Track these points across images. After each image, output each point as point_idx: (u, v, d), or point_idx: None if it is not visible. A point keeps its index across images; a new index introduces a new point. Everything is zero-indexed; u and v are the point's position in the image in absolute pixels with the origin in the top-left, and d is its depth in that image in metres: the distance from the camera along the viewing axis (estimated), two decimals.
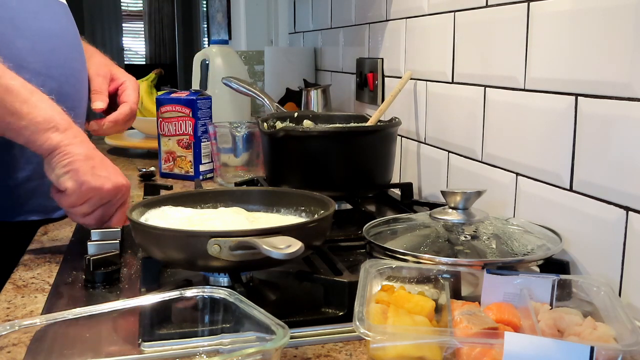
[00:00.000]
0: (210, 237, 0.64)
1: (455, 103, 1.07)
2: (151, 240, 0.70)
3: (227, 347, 0.58)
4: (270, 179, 1.10)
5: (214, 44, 1.82)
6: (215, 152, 1.33)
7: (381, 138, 1.05)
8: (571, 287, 0.65)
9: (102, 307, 0.58)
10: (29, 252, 0.90)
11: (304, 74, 1.98)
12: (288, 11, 2.38)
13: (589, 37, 0.74)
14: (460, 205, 0.78)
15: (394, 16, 1.32)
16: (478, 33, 0.99)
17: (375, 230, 0.80)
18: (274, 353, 0.49)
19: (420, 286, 0.76)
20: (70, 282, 0.77)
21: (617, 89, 0.70)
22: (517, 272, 0.64)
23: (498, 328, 0.55)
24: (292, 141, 1.03)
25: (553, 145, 0.81)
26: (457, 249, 0.73)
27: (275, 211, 0.83)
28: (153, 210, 0.78)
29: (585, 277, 0.69)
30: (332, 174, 1.03)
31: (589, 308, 0.63)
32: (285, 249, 0.60)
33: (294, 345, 0.62)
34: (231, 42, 3.19)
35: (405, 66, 1.27)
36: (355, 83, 1.58)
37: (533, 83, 0.85)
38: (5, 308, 0.71)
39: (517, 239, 0.74)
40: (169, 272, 0.79)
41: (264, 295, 0.72)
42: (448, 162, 1.10)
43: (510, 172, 0.91)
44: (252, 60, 2.22)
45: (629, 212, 0.69)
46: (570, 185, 0.78)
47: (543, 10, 0.83)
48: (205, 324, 0.60)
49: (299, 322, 0.65)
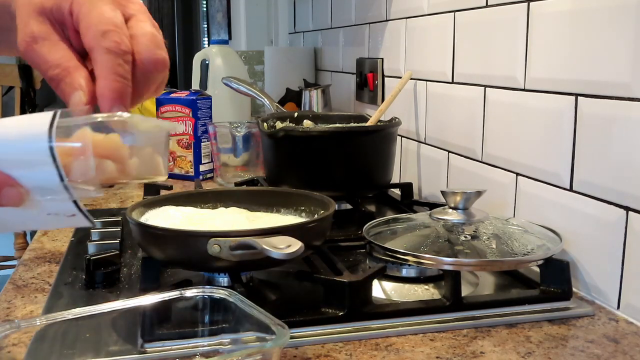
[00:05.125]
0: (210, 237, 0.64)
1: (455, 103, 1.07)
2: (151, 240, 0.70)
3: (227, 347, 0.58)
4: (270, 179, 1.10)
5: (214, 44, 1.82)
6: (215, 152, 1.33)
7: (381, 138, 1.05)
8: None
9: (102, 307, 0.58)
10: (29, 252, 0.90)
11: (304, 74, 1.98)
12: (288, 11, 2.38)
13: (589, 37, 0.74)
14: (460, 205, 0.78)
15: (394, 16, 1.32)
16: (478, 33, 0.99)
17: (375, 230, 0.80)
18: (274, 353, 0.49)
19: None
20: (70, 282, 0.77)
21: (617, 89, 0.70)
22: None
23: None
24: (292, 141, 1.03)
25: (553, 145, 0.81)
26: (457, 249, 0.73)
27: (275, 211, 0.83)
28: (153, 210, 0.78)
29: None
30: (332, 174, 1.03)
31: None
32: (285, 249, 0.60)
33: (294, 345, 0.62)
34: (231, 42, 3.19)
35: (405, 66, 1.27)
36: (355, 83, 1.58)
37: (533, 83, 0.85)
38: (5, 308, 0.71)
39: (517, 239, 0.74)
40: (169, 272, 0.80)
41: (264, 295, 0.72)
42: (448, 162, 1.10)
43: (510, 172, 0.91)
44: (252, 60, 2.22)
45: (629, 212, 0.69)
46: (570, 185, 0.78)
47: (543, 10, 0.83)
48: (205, 324, 0.60)
49: (299, 322, 0.65)
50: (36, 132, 0.42)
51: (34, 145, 0.42)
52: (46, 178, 0.42)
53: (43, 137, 0.41)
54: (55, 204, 0.45)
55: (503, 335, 0.65)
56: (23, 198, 0.44)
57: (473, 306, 0.69)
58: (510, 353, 0.61)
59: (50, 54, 0.50)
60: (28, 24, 0.51)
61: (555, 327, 0.67)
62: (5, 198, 0.44)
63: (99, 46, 0.49)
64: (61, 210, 0.45)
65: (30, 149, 0.42)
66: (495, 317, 0.68)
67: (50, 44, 0.50)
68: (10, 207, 0.45)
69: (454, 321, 0.67)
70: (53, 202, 0.45)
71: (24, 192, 0.44)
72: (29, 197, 0.44)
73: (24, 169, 0.43)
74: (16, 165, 0.43)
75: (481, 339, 0.64)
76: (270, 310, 0.54)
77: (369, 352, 0.61)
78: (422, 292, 0.75)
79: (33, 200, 0.44)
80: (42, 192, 0.44)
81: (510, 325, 0.67)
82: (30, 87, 3.00)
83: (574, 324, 0.68)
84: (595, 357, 0.60)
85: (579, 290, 0.77)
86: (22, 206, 0.44)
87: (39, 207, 0.45)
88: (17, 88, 2.90)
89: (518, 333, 0.65)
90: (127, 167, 0.47)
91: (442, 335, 0.65)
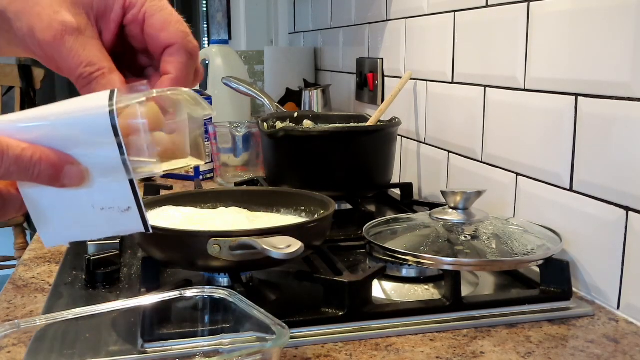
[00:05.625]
0: (210, 237, 0.64)
1: (455, 103, 1.07)
2: (151, 240, 0.70)
3: (227, 347, 0.58)
4: (270, 179, 1.10)
5: (214, 44, 1.82)
6: (215, 152, 1.33)
7: (381, 138, 1.05)
8: None
9: (102, 307, 0.58)
10: (29, 252, 0.90)
11: (304, 74, 1.98)
12: (288, 11, 2.38)
13: (589, 37, 0.74)
14: (460, 205, 0.78)
15: (394, 16, 1.32)
16: (478, 33, 0.99)
17: (375, 230, 0.80)
18: (274, 353, 0.49)
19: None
20: (70, 282, 0.77)
21: (617, 89, 0.70)
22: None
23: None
24: (292, 141, 1.03)
25: (553, 145, 0.81)
26: (457, 249, 0.73)
27: (275, 211, 0.83)
28: (153, 210, 0.78)
29: None
30: (332, 174, 1.03)
31: None
32: (285, 249, 0.60)
33: (294, 345, 0.62)
34: (231, 42, 3.19)
35: (405, 66, 1.27)
36: (355, 83, 1.58)
37: (533, 83, 0.85)
38: (5, 308, 0.71)
39: (517, 239, 0.74)
40: (169, 272, 0.80)
41: (264, 295, 0.72)
42: (448, 162, 1.10)
43: (510, 172, 0.91)
44: (252, 60, 2.22)
45: (629, 212, 0.69)
46: (570, 185, 0.78)
47: (543, 10, 0.83)
48: (205, 324, 0.60)
49: (299, 322, 0.65)
50: (97, 104, 0.41)
51: (95, 122, 0.41)
52: (106, 154, 0.42)
53: (104, 108, 0.41)
54: (112, 189, 0.44)
55: (503, 335, 0.65)
56: (84, 176, 0.43)
57: (473, 306, 0.69)
58: (510, 353, 0.61)
59: (85, 50, 0.47)
60: (59, 12, 0.46)
61: (555, 327, 0.67)
62: (67, 177, 0.42)
63: (183, 46, 0.49)
64: (117, 199, 0.44)
65: (91, 125, 0.41)
66: (495, 317, 0.68)
67: (85, 39, 0.47)
68: (64, 199, 0.44)
69: (454, 321, 0.67)
70: (110, 185, 0.44)
71: (84, 169, 0.43)
72: (89, 177, 0.43)
73: (84, 147, 0.42)
74: (76, 144, 0.42)
75: (481, 339, 0.64)
76: (270, 310, 0.54)
77: (369, 352, 0.61)
78: (422, 292, 0.75)
79: (91, 181, 0.43)
80: (101, 172, 0.43)
81: (510, 325, 0.67)
82: (30, 87, 2.99)
83: (574, 324, 0.68)
84: (595, 357, 0.60)
85: (579, 290, 0.77)
86: (83, 185, 0.43)
87: (95, 194, 0.44)
88: (17, 88, 2.90)
89: (518, 333, 0.65)
90: (179, 140, 0.46)
91: (442, 335, 0.65)
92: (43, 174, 0.42)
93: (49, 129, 0.42)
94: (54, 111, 0.43)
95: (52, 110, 0.43)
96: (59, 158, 0.42)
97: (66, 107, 0.43)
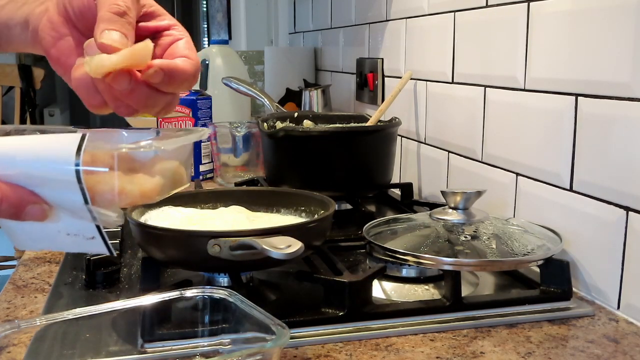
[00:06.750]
0: (210, 237, 0.64)
1: (455, 103, 1.07)
2: (151, 240, 0.70)
3: (227, 347, 0.58)
4: (270, 179, 1.10)
5: (214, 44, 1.83)
6: (215, 152, 1.33)
7: (381, 138, 1.05)
8: None
9: (102, 307, 0.58)
10: (29, 252, 0.90)
11: (304, 74, 1.98)
12: (288, 11, 2.38)
13: (589, 37, 0.74)
14: (460, 205, 0.78)
15: (394, 16, 1.32)
16: (478, 33, 0.99)
17: (375, 230, 0.80)
18: (274, 353, 0.49)
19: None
20: (70, 282, 0.77)
21: (617, 89, 0.70)
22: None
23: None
24: (292, 141, 1.03)
25: (553, 145, 0.81)
26: (457, 249, 0.73)
27: (275, 211, 0.83)
28: (153, 210, 0.78)
29: None
30: (332, 174, 1.03)
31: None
32: (285, 249, 0.60)
33: (294, 345, 0.62)
34: (231, 42, 3.19)
35: (405, 66, 1.27)
36: (355, 83, 1.58)
37: (533, 83, 0.85)
38: (5, 308, 0.71)
39: (517, 239, 0.74)
40: (169, 272, 0.80)
41: (264, 295, 0.72)
42: (448, 162, 1.10)
43: (510, 172, 0.91)
44: (252, 60, 2.22)
45: (629, 212, 0.69)
46: (570, 185, 0.78)
47: (543, 10, 0.83)
48: (205, 324, 0.60)
49: (299, 322, 0.65)
50: (64, 154, 0.42)
51: (61, 167, 0.42)
52: (71, 199, 0.43)
53: (70, 159, 0.42)
54: (77, 224, 0.45)
55: (503, 336, 0.65)
56: (46, 214, 0.45)
57: (473, 306, 0.69)
58: (510, 353, 0.61)
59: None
60: None
61: (556, 327, 0.67)
62: (29, 215, 0.44)
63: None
64: (82, 230, 0.46)
65: (57, 169, 0.42)
66: (495, 317, 0.68)
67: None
68: (34, 222, 0.45)
69: (454, 321, 0.67)
70: (75, 221, 0.45)
71: (47, 208, 0.44)
72: (53, 213, 0.45)
73: (50, 188, 0.43)
74: (42, 184, 0.43)
75: (481, 339, 0.64)
76: (270, 310, 0.54)
77: (369, 352, 0.61)
78: (422, 292, 0.75)
79: (56, 217, 0.45)
80: (66, 210, 0.45)
81: (510, 326, 0.67)
82: (30, 87, 2.99)
83: (574, 324, 0.68)
84: (595, 357, 0.60)
85: (579, 290, 0.77)
86: (46, 221, 0.45)
87: (61, 224, 0.46)
88: (17, 88, 2.89)
89: (518, 333, 0.65)
90: (149, 190, 0.47)
91: (442, 335, 0.65)
92: (4, 212, 0.44)
93: (17, 169, 0.43)
94: (25, 147, 0.44)
95: (24, 146, 0.44)
96: (21, 198, 0.44)
97: (37, 145, 0.44)
